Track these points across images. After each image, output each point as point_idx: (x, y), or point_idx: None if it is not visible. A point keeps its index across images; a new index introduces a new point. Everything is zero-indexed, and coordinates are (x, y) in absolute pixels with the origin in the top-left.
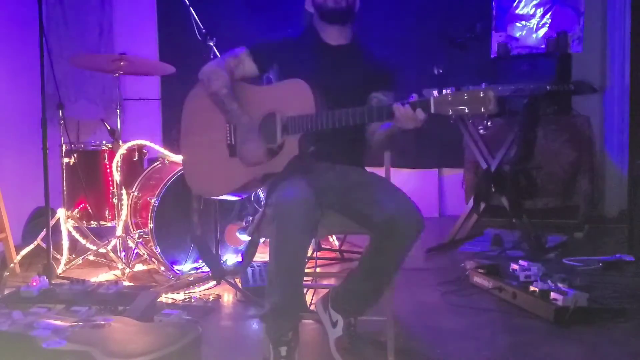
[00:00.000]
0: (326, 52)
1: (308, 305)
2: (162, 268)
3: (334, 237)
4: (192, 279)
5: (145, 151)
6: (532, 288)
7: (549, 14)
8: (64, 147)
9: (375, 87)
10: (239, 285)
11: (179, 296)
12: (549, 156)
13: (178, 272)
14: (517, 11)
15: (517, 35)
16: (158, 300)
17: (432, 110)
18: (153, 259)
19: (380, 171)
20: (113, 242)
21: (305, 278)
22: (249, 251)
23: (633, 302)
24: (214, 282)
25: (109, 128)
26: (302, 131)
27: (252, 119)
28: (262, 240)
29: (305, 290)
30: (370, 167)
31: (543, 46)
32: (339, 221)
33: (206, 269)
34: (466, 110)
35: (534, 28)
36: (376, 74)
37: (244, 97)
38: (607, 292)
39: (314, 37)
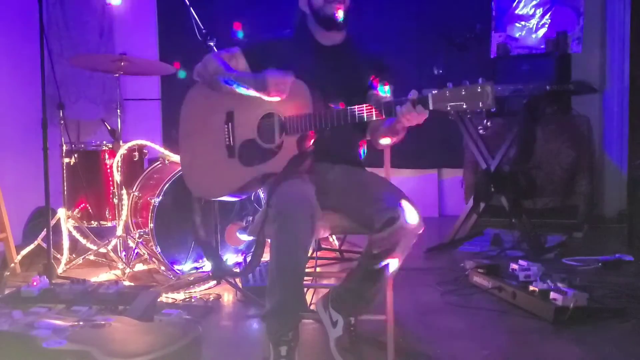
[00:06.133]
0: (320, 53)
1: (308, 305)
2: (162, 268)
3: (334, 237)
4: (192, 279)
5: (146, 151)
6: (531, 288)
7: (549, 14)
8: (64, 147)
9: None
10: (239, 285)
11: (179, 296)
12: (548, 156)
13: (178, 272)
14: (516, 11)
15: (517, 35)
16: (158, 300)
17: (431, 107)
18: (153, 259)
19: (380, 171)
20: (113, 242)
21: (305, 278)
22: (256, 252)
23: (633, 302)
24: (214, 282)
25: (109, 128)
26: (301, 131)
27: (256, 107)
28: None
29: (305, 290)
30: (370, 167)
31: (543, 46)
32: (339, 221)
33: (206, 269)
34: (464, 106)
35: (534, 28)
36: (374, 68)
37: (242, 96)
38: (606, 292)
39: (308, 37)
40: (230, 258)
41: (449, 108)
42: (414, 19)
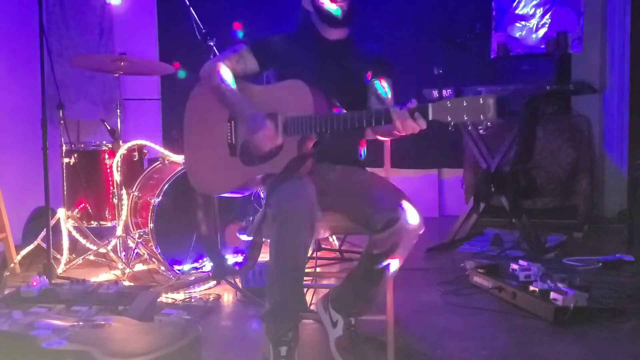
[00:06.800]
0: (325, 47)
1: (308, 305)
2: (162, 268)
3: (334, 237)
4: (192, 279)
5: (146, 151)
6: (531, 288)
7: (549, 14)
8: (64, 147)
9: (375, 75)
10: (239, 285)
11: (179, 296)
12: (548, 156)
13: (178, 272)
14: (517, 11)
15: (517, 35)
16: (158, 300)
17: (430, 117)
18: (153, 259)
19: (380, 171)
20: (113, 242)
21: (305, 278)
22: (253, 253)
23: (633, 302)
24: (214, 282)
25: (109, 128)
26: (301, 132)
27: (257, 109)
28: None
29: (305, 290)
30: (370, 167)
31: (543, 46)
32: (339, 221)
33: (206, 269)
34: (465, 118)
35: (534, 28)
36: (374, 63)
37: (245, 95)
38: (607, 292)
39: (312, 32)
40: (230, 258)
41: (449, 119)
42: (413, 19)
